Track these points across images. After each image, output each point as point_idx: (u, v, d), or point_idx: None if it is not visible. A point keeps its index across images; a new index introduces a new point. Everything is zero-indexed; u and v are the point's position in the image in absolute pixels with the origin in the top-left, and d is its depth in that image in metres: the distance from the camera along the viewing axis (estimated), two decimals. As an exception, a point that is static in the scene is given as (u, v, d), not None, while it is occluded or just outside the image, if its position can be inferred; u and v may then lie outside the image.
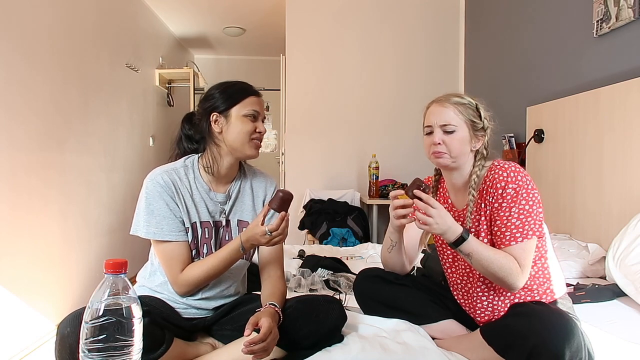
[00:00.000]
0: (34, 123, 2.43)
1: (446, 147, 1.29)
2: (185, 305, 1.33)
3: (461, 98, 1.32)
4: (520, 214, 1.21)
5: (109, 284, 0.85)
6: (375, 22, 3.95)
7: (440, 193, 1.45)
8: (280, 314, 1.23)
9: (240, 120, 1.31)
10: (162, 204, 1.27)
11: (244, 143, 1.32)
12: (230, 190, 1.39)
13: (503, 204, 1.23)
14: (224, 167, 1.36)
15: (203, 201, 1.34)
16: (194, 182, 1.34)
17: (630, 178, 1.96)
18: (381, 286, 1.46)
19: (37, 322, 2.43)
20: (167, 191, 1.28)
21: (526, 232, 1.21)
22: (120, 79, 3.65)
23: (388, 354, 1.19)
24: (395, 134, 3.94)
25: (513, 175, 1.23)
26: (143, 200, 1.28)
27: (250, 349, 1.08)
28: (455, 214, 1.38)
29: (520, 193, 1.21)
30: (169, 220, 1.27)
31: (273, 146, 6.36)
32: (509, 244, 1.21)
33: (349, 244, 3.27)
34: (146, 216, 1.27)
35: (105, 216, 3.31)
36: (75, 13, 2.89)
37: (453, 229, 1.20)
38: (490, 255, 1.19)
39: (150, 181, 1.29)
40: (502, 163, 1.27)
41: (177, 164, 1.36)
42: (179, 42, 5.55)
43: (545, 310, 1.15)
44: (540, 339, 1.04)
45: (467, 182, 1.33)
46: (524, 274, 1.21)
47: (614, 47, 2.18)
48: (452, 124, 1.28)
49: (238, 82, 1.38)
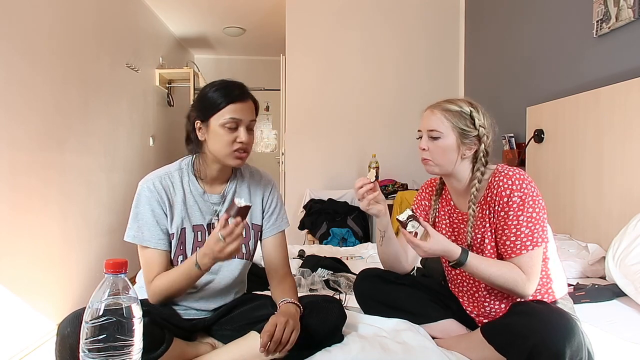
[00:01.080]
0: (34, 123, 2.44)
1: (430, 153, 1.29)
2: (185, 306, 1.33)
3: (453, 105, 1.30)
4: (528, 222, 1.21)
5: (109, 284, 0.85)
6: (375, 22, 3.95)
7: (444, 195, 1.45)
8: (297, 304, 1.25)
9: (219, 130, 1.25)
10: (147, 210, 1.27)
11: (225, 154, 1.26)
12: (226, 191, 1.37)
13: (510, 212, 1.22)
14: (213, 171, 1.34)
15: (197, 204, 1.33)
16: (188, 185, 1.33)
17: (630, 178, 1.96)
18: (381, 286, 1.46)
19: (38, 322, 2.43)
20: (155, 197, 1.27)
21: (535, 240, 1.21)
22: (121, 79, 3.65)
23: (388, 353, 1.19)
24: (395, 134, 3.94)
25: (518, 183, 1.22)
26: (133, 203, 1.29)
27: (265, 347, 1.09)
28: (459, 216, 1.38)
29: (526, 201, 1.21)
30: (150, 227, 1.27)
31: (273, 146, 6.36)
32: (519, 252, 1.21)
33: (349, 244, 3.27)
34: (131, 219, 1.28)
35: (105, 216, 3.31)
36: (76, 13, 2.89)
37: (450, 252, 1.21)
38: (493, 272, 1.20)
39: (141, 185, 1.30)
40: (506, 169, 1.26)
41: (173, 167, 1.35)
42: (179, 42, 5.55)
43: (545, 309, 1.15)
44: (541, 338, 1.04)
45: (468, 186, 1.33)
46: (532, 282, 1.20)
47: (614, 47, 2.18)
48: (438, 131, 1.28)
49: (225, 85, 1.29)
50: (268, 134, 6.42)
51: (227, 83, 1.30)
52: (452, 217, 1.41)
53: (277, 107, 4.66)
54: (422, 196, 1.52)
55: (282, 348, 1.11)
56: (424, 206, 1.51)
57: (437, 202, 1.45)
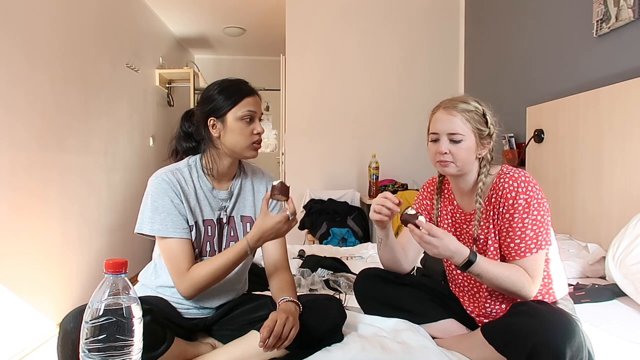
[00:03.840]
0: (34, 123, 2.44)
1: (452, 156, 1.26)
2: (187, 305, 1.34)
3: (468, 104, 1.28)
4: (533, 225, 1.20)
5: (109, 284, 0.85)
6: (374, 22, 3.95)
7: (445, 195, 1.44)
8: (296, 302, 1.26)
9: (236, 124, 1.30)
10: (167, 201, 1.28)
11: (243, 146, 1.32)
12: (232, 187, 1.40)
13: (515, 214, 1.21)
14: (224, 167, 1.37)
15: (207, 199, 1.36)
16: (198, 180, 1.35)
17: (630, 178, 1.96)
18: (381, 285, 1.46)
19: (38, 322, 2.43)
20: (172, 188, 1.29)
21: (539, 243, 1.21)
22: (121, 79, 3.65)
23: (388, 353, 1.19)
24: (395, 134, 3.94)
25: (524, 185, 1.22)
26: (148, 197, 1.29)
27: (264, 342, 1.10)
28: (462, 216, 1.37)
29: (531, 204, 1.20)
30: (173, 217, 1.27)
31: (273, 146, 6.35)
32: (524, 255, 1.21)
33: (349, 244, 3.27)
34: (151, 213, 1.27)
35: (105, 216, 3.31)
36: (76, 13, 2.89)
37: (459, 253, 1.18)
38: (500, 273, 1.19)
39: (155, 179, 1.30)
40: (512, 171, 1.26)
41: (181, 164, 1.37)
42: (179, 42, 5.55)
43: (546, 309, 1.14)
44: (541, 338, 1.03)
45: (473, 187, 1.32)
46: (536, 284, 1.21)
47: (614, 47, 2.18)
48: (460, 134, 1.25)
49: (233, 82, 1.36)
50: (268, 134, 6.41)
51: (235, 80, 1.37)
52: (455, 217, 1.41)
53: (277, 107, 4.66)
54: (424, 195, 1.51)
55: (281, 343, 1.12)
56: (425, 205, 1.50)
57: (439, 201, 1.44)
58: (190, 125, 1.40)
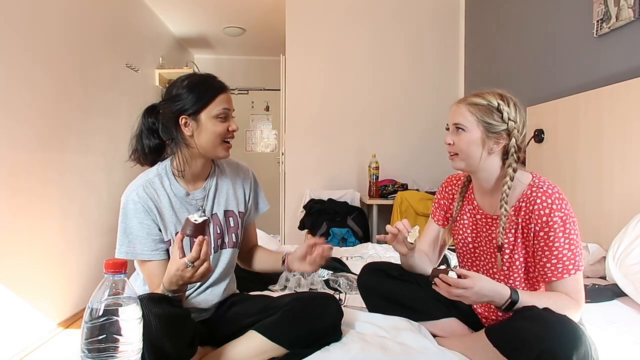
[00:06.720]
0: (34, 123, 2.43)
1: (455, 147, 1.28)
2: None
3: (480, 98, 1.26)
4: (571, 245, 1.18)
5: (108, 284, 0.85)
6: (374, 22, 3.94)
7: (468, 196, 1.41)
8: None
9: (211, 123, 1.25)
10: (135, 223, 1.24)
11: (216, 145, 1.27)
12: (207, 186, 1.36)
13: (550, 233, 1.18)
14: (197, 167, 1.32)
15: (183, 206, 1.31)
16: (171, 189, 1.30)
17: (630, 178, 1.95)
18: (384, 280, 1.44)
19: (38, 322, 2.42)
20: (141, 208, 1.24)
21: (577, 264, 1.18)
22: (121, 79, 3.65)
23: (388, 353, 1.19)
24: (395, 134, 3.93)
25: (558, 202, 1.19)
26: (119, 219, 1.26)
27: None
28: (484, 218, 1.34)
29: (567, 222, 1.18)
30: (141, 240, 1.24)
31: (273, 146, 6.35)
32: (561, 277, 1.18)
33: (349, 244, 3.27)
34: (120, 235, 1.25)
35: (105, 216, 3.31)
36: (76, 13, 2.89)
37: (499, 294, 1.14)
38: (547, 304, 1.14)
39: (125, 198, 1.26)
40: (545, 185, 1.22)
41: (150, 173, 1.31)
42: (179, 42, 5.55)
43: (553, 316, 1.11)
44: (548, 346, 1.02)
45: (495, 187, 1.30)
46: (582, 306, 1.19)
47: (614, 47, 2.17)
48: (462, 124, 1.26)
49: (203, 77, 1.29)
50: (268, 134, 6.41)
51: (204, 75, 1.31)
52: (474, 218, 1.37)
53: (277, 107, 4.66)
54: (442, 195, 1.48)
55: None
56: (442, 206, 1.48)
57: (461, 200, 1.41)
58: (155, 121, 1.30)
